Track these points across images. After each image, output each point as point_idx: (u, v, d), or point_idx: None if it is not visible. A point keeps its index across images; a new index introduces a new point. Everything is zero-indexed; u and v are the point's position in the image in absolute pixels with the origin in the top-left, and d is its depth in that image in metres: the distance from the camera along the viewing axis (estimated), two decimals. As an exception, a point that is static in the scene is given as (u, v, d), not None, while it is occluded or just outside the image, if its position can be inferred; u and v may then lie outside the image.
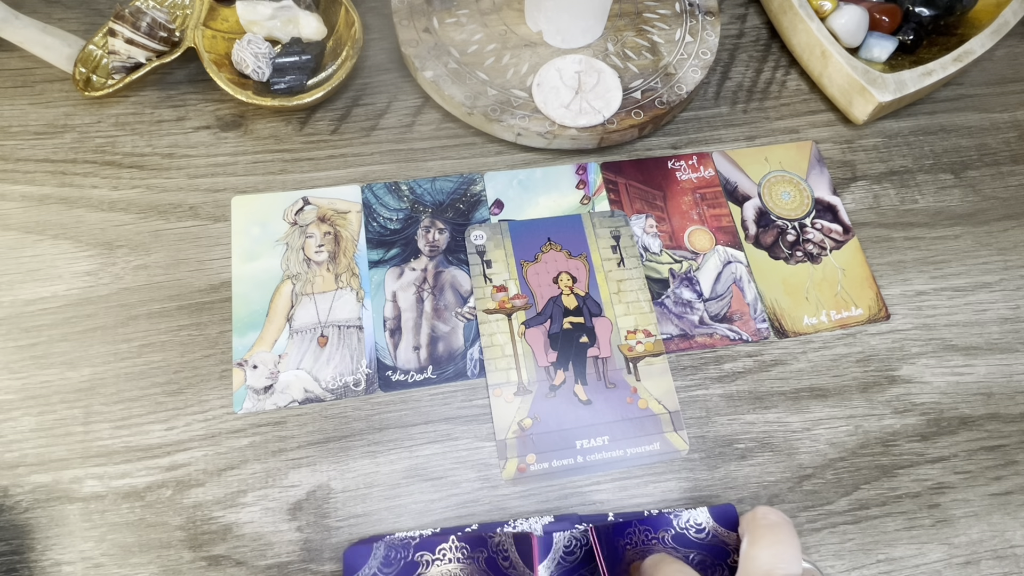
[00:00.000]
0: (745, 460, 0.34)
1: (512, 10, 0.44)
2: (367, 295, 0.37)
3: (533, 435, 0.34)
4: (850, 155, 0.44)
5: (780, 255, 0.40)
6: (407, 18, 0.43)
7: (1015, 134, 0.46)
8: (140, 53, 0.40)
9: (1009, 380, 0.37)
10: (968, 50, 0.43)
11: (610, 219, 0.40)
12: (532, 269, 0.38)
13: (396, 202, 0.40)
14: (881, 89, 0.41)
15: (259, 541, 0.31)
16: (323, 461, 0.33)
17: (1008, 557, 0.33)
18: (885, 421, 0.36)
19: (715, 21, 0.45)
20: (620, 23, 0.45)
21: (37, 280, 0.36)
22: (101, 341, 0.35)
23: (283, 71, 0.41)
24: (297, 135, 0.41)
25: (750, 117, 0.45)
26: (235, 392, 0.34)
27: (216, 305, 0.36)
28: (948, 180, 0.43)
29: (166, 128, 0.41)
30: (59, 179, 0.39)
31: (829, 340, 0.38)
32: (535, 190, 0.41)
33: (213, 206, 0.39)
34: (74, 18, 0.44)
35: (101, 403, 0.33)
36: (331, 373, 0.35)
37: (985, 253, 0.41)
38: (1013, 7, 0.44)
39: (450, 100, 0.41)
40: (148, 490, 0.32)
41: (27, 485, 0.32)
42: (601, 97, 0.41)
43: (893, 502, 0.34)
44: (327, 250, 0.38)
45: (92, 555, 0.31)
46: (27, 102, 0.41)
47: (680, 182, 0.42)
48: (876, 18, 0.45)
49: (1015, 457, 0.35)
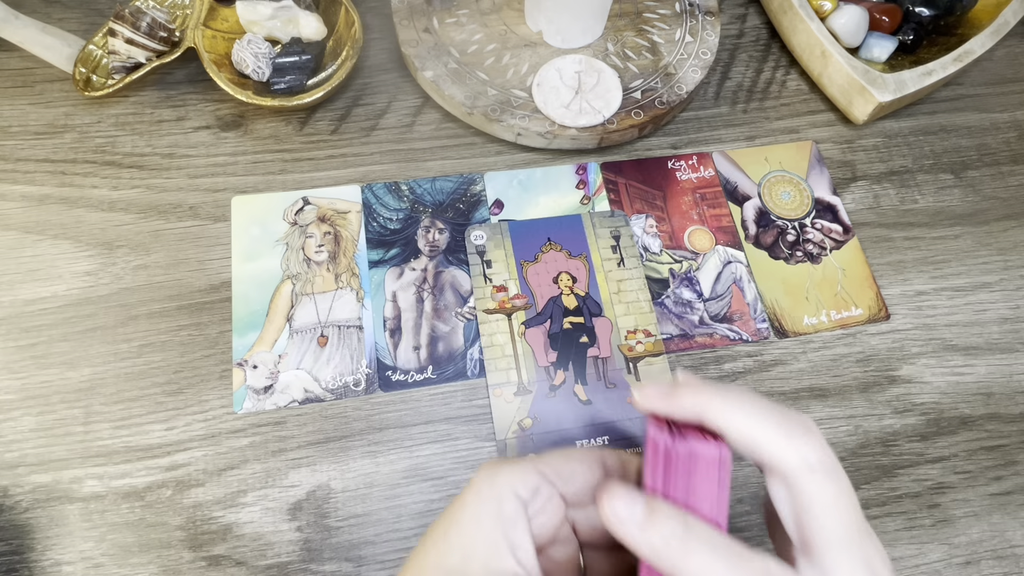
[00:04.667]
0: (745, 460, 0.34)
1: (512, 10, 0.44)
2: (367, 295, 0.37)
3: (533, 435, 0.34)
4: (850, 155, 0.44)
5: (780, 255, 0.40)
6: (407, 18, 0.43)
7: (1015, 134, 0.46)
8: (140, 53, 0.40)
9: (1009, 380, 0.37)
10: (968, 50, 0.43)
11: (610, 219, 0.40)
12: (532, 269, 0.38)
13: (396, 202, 0.40)
14: (881, 89, 0.41)
15: (259, 541, 0.31)
16: (323, 461, 0.33)
17: (1008, 557, 0.33)
18: (885, 421, 0.36)
19: (715, 21, 0.45)
20: (620, 23, 0.45)
21: (37, 280, 0.36)
22: (101, 341, 0.35)
23: (283, 71, 0.41)
24: (297, 135, 0.41)
25: (750, 117, 0.45)
26: (235, 392, 0.34)
27: (216, 305, 0.36)
28: (948, 180, 0.43)
29: (166, 128, 0.41)
30: (59, 179, 0.39)
31: (829, 340, 0.38)
32: (535, 190, 0.41)
33: (213, 206, 0.39)
34: (74, 18, 0.44)
35: (101, 403, 0.33)
36: (331, 373, 0.35)
37: (985, 253, 0.41)
38: (1013, 7, 0.44)
39: (450, 100, 0.41)
40: (148, 490, 0.32)
41: (27, 485, 0.32)
42: (601, 97, 0.41)
43: (893, 502, 0.34)
44: (327, 250, 0.38)
45: (92, 555, 0.31)
46: (27, 102, 0.41)
47: (680, 182, 0.42)
48: (876, 18, 0.45)
49: (1015, 457, 0.35)
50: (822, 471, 0.19)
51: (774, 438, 0.19)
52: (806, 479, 0.19)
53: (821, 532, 0.19)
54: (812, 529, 0.19)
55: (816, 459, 0.19)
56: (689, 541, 0.18)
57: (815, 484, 0.19)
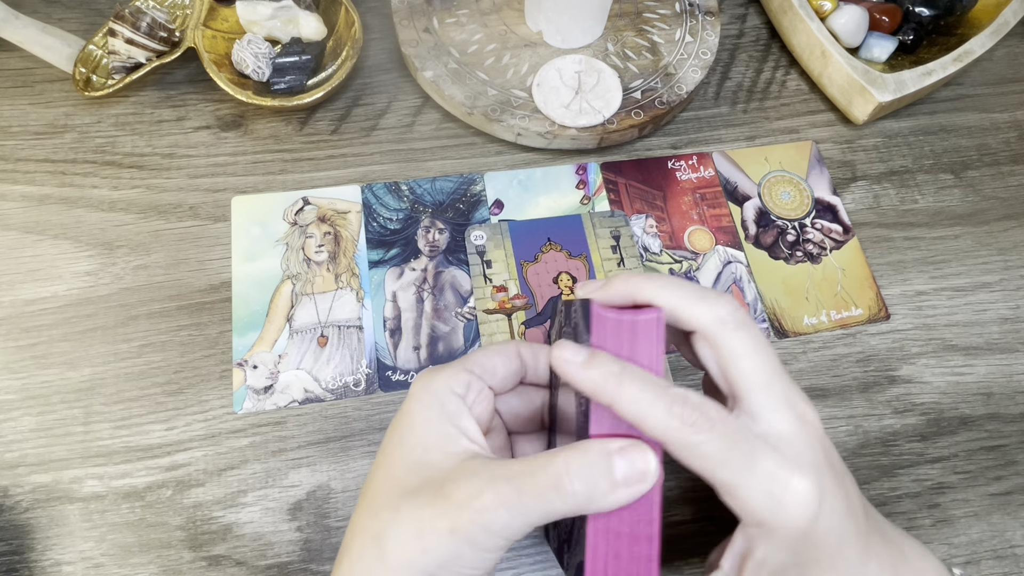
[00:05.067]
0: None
1: (512, 10, 0.44)
2: (367, 295, 0.37)
3: (533, 435, 0.34)
4: (850, 155, 0.44)
5: (780, 255, 0.40)
6: (407, 18, 0.43)
7: (1015, 134, 0.46)
8: (140, 53, 0.40)
9: (1009, 380, 0.37)
10: (968, 50, 0.43)
11: (610, 219, 0.40)
12: (532, 269, 0.38)
13: (396, 202, 0.40)
14: (881, 89, 0.41)
15: (259, 541, 0.31)
16: (323, 461, 0.33)
17: (1008, 557, 0.33)
18: (885, 421, 0.36)
19: (715, 21, 0.45)
20: (620, 23, 0.45)
21: (37, 280, 0.36)
22: (101, 341, 0.35)
23: (283, 71, 0.41)
24: (297, 135, 0.41)
25: (750, 117, 0.45)
26: (235, 392, 0.34)
27: (216, 305, 0.36)
28: (948, 180, 0.43)
29: (166, 128, 0.41)
30: (59, 179, 0.39)
31: (829, 340, 0.38)
32: (535, 190, 0.41)
33: (213, 206, 0.39)
34: (74, 18, 0.44)
35: (101, 403, 0.33)
36: (331, 373, 0.35)
37: (985, 253, 0.41)
38: (1013, 7, 0.44)
39: (450, 100, 0.41)
40: (148, 490, 0.32)
41: (27, 485, 0.32)
42: (601, 97, 0.41)
43: (893, 502, 0.34)
44: (327, 250, 0.38)
45: (92, 555, 0.31)
46: (27, 102, 0.41)
47: (680, 182, 0.42)
48: (876, 18, 0.45)
49: (1015, 457, 0.35)
50: (734, 323, 0.22)
51: (693, 303, 0.23)
52: (722, 332, 0.22)
53: (742, 377, 0.22)
54: (733, 376, 0.22)
55: (728, 314, 0.23)
56: (623, 377, 0.21)
57: (730, 335, 0.22)
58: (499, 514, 0.20)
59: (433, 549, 0.20)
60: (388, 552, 0.21)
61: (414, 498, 0.21)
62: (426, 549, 0.20)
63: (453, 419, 0.23)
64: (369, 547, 0.21)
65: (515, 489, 0.20)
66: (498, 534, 0.20)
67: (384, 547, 0.21)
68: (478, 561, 0.21)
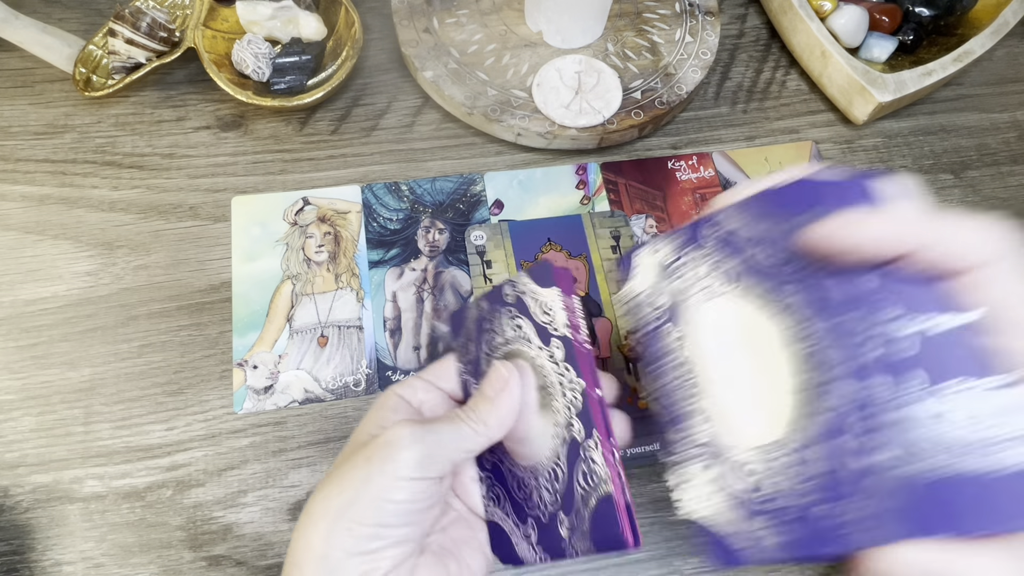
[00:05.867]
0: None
1: (512, 10, 0.44)
2: (367, 295, 0.37)
3: (533, 435, 0.34)
4: (850, 155, 0.44)
5: (780, 255, 0.40)
6: (407, 18, 0.43)
7: (1015, 134, 0.46)
8: (140, 53, 0.40)
9: (1009, 380, 0.37)
10: (968, 50, 0.43)
11: (610, 219, 0.40)
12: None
13: (396, 202, 0.40)
14: (881, 89, 0.41)
15: (259, 541, 0.31)
16: (323, 461, 0.33)
17: None
18: None
19: (715, 21, 0.45)
20: (620, 23, 0.45)
21: (37, 280, 0.36)
22: (101, 341, 0.35)
23: (283, 71, 0.41)
24: (297, 135, 0.41)
25: (750, 117, 0.45)
26: (235, 392, 0.34)
27: (216, 305, 0.36)
28: (948, 180, 0.43)
29: (166, 128, 0.41)
30: (59, 179, 0.39)
31: (829, 340, 0.38)
32: (535, 190, 0.41)
33: (213, 206, 0.39)
34: (74, 18, 0.44)
35: (101, 403, 0.33)
36: (331, 373, 0.35)
37: (985, 253, 0.41)
38: (1013, 7, 0.44)
39: (450, 100, 0.41)
40: (148, 490, 0.32)
41: (27, 485, 0.32)
42: (601, 97, 0.41)
43: (893, 502, 0.34)
44: (327, 250, 0.38)
45: (92, 555, 0.31)
46: (27, 102, 0.41)
47: (680, 182, 0.42)
48: (876, 18, 0.45)
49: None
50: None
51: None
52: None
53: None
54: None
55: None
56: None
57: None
58: (404, 431, 0.23)
59: (349, 488, 0.22)
60: (313, 502, 0.23)
61: (343, 462, 0.24)
62: (343, 490, 0.22)
63: (388, 411, 0.26)
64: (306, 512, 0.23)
65: (423, 421, 0.24)
66: (407, 448, 0.23)
67: (313, 498, 0.23)
68: (398, 492, 0.22)
